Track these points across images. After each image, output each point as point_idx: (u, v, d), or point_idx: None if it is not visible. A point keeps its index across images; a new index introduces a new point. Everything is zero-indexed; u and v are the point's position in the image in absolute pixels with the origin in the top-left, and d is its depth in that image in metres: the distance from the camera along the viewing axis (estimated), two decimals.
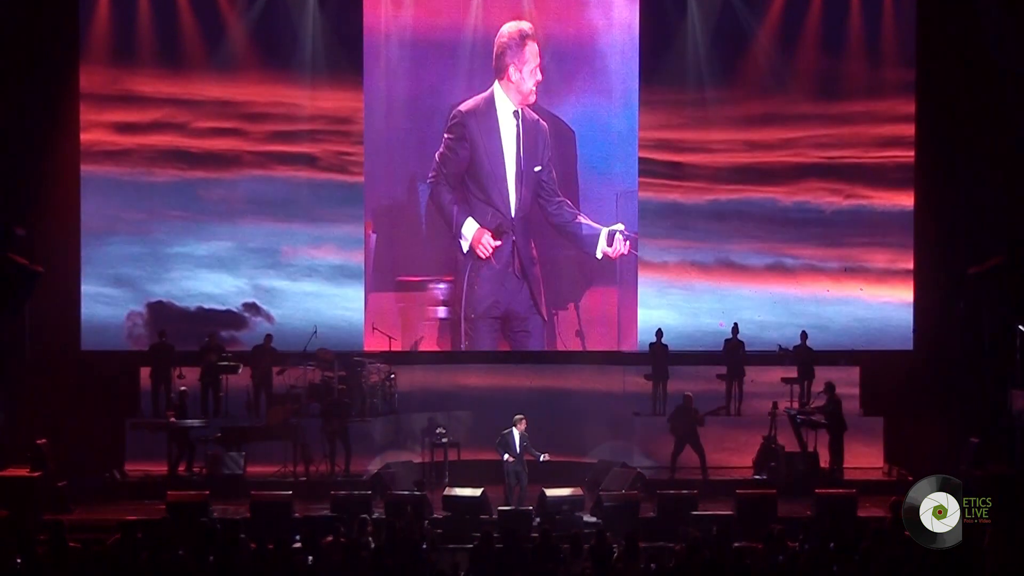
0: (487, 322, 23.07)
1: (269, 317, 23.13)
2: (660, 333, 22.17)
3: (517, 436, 18.65)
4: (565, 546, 14.47)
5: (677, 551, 14.19)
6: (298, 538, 15.18)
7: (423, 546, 14.84)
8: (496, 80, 22.98)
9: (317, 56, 23.16)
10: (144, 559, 13.69)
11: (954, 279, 22.37)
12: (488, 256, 22.86)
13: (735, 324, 22.17)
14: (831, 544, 14.29)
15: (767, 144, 23.32)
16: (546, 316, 23.10)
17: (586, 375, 22.67)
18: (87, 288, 22.89)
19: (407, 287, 23.29)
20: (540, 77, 22.90)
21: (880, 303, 23.20)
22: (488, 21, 23.19)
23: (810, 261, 23.38)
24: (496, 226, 22.59)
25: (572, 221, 23.11)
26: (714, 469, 20.30)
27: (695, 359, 22.45)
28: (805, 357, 21.81)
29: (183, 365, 21.57)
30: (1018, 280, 21.51)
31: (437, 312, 23.23)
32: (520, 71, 22.87)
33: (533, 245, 23.13)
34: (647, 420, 21.80)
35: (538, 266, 23.08)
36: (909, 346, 22.97)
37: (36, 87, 22.23)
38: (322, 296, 23.26)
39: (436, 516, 17.71)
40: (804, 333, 21.97)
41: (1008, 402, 20.70)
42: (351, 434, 20.39)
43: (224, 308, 23.16)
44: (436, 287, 23.26)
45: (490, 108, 23.03)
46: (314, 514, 17.30)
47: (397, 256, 23.36)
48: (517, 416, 18.77)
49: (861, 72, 23.21)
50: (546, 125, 23.03)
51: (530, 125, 22.99)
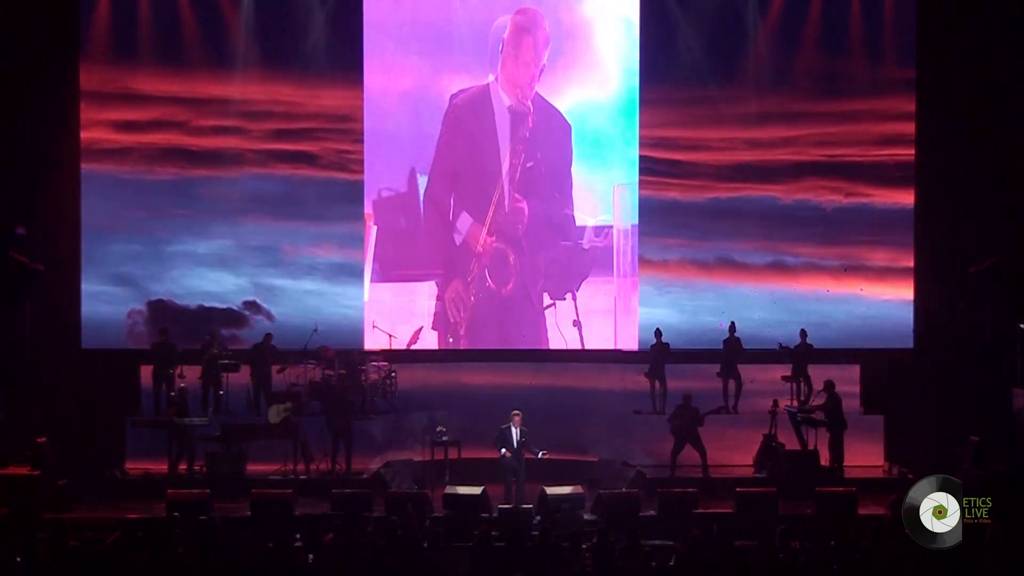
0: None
1: (269, 315, 23.15)
2: (659, 332, 22.16)
3: (515, 432, 18.66)
4: (565, 544, 14.47)
5: (677, 549, 14.21)
6: (299, 536, 15.22)
7: (423, 545, 14.85)
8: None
9: (317, 54, 23.17)
10: (144, 558, 13.70)
11: (954, 277, 22.38)
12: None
13: (732, 322, 22.18)
14: (831, 542, 14.31)
15: (768, 142, 23.31)
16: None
17: (586, 373, 22.66)
18: (87, 286, 22.91)
19: (407, 279, 23.32)
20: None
21: (880, 301, 23.19)
22: (488, 13, 23.20)
23: (810, 259, 23.37)
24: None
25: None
26: (714, 467, 20.24)
27: (695, 357, 22.44)
28: (804, 355, 21.81)
29: (184, 364, 21.57)
30: (1018, 279, 21.52)
31: (437, 305, 23.25)
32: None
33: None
34: (647, 418, 21.79)
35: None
36: (909, 344, 22.97)
37: (36, 85, 22.25)
38: (322, 294, 23.28)
39: (436, 514, 17.71)
40: (804, 331, 21.97)
41: (1008, 401, 20.70)
42: (352, 432, 20.39)
43: (224, 306, 23.17)
44: (436, 280, 23.28)
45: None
46: (315, 512, 17.30)
47: (398, 248, 23.39)
48: (514, 412, 18.78)
49: (862, 70, 23.20)
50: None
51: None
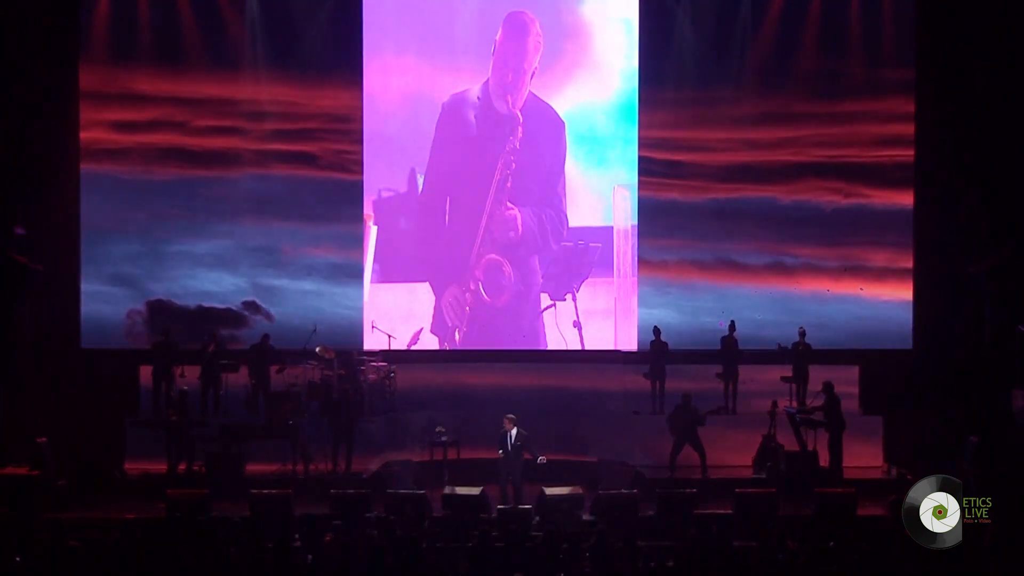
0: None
1: (269, 315, 23.15)
2: (658, 331, 22.15)
3: (513, 433, 18.65)
4: (564, 545, 14.47)
5: (676, 550, 14.20)
6: (298, 537, 15.21)
7: (422, 545, 14.84)
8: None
9: (317, 54, 23.19)
10: (144, 558, 13.70)
11: (954, 278, 22.38)
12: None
13: (731, 322, 22.19)
14: (830, 543, 14.30)
15: (767, 143, 23.32)
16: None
17: (585, 373, 22.66)
18: (87, 286, 22.91)
19: (407, 279, 23.32)
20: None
21: (879, 302, 23.20)
22: (488, 14, 23.22)
23: (810, 260, 23.38)
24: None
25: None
26: (713, 468, 20.25)
27: (694, 358, 22.44)
28: (802, 356, 21.81)
29: (185, 364, 21.56)
30: (1018, 279, 21.53)
31: (434, 310, 23.25)
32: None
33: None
34: (646, 419, 21.78)
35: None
36: (909, 345, 22.98)
37: (36, 85, 22.25)
38: (321, 294, 23.28)
39: (435, 515, 17.70)
40: (802, 331, 21.97)
41: (1008, 401, 20.71)
42: (353, 433, 20.37)
43: (224, 306, 23.17)
44: (432, 286, 23.28)
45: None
46: (314, 513, 17.29)
47: (397, 249, 23.40)
48: (506, 416, 18.75)
49: (861, 71, 23.21)
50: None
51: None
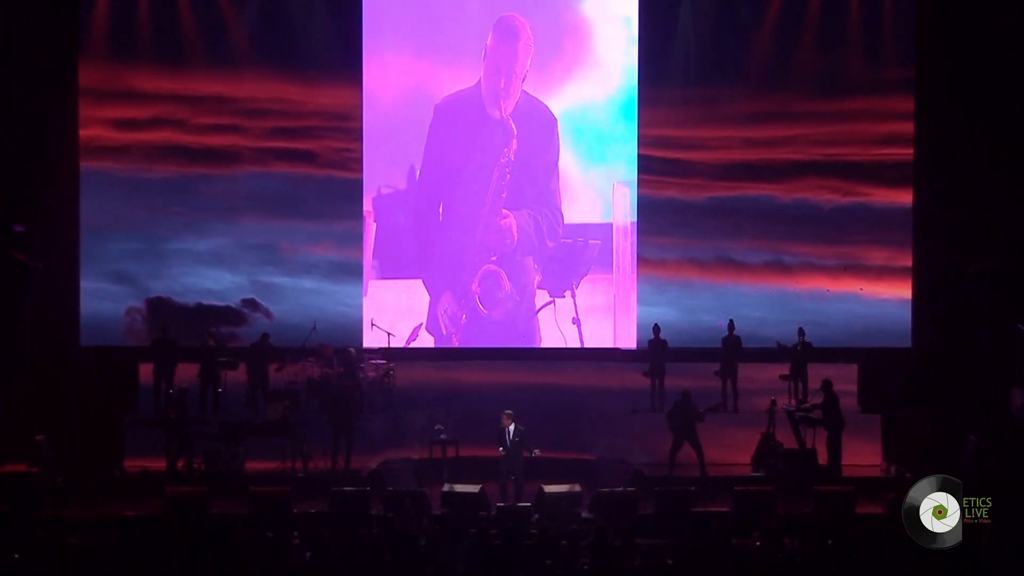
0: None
1: (268, 313, 23.15)
2: (657, 328, 22.15)
3: (511, 429, 18.66)
4: (563, 543, 14.47)
5: (675, 548, 14.20)
6: (297, 534, 15.19)
7: (421, 543, 14.84)
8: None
9: (316, 51, 23.18)
10: (143, 555, 13.69)
11: (953, 277, 22.37)
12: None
13: (731, 320, 22.19)
14: (829, 541, 14.30)
15: (766, 141, 23.31)
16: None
17: (584, 371, 22.67)
18: (86, 284, 22.91)
19: (406, 276, 23.33)
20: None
21: (879, 300, 23.20)
22: (487, 13, 23.20)
23: (809, 258, 23.38)
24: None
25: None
26: (712, 466, 20.26)
27: (694, 356, 22.45)
28: (801, 354, 21.81)
29: (185, 361, 21.55)
30: (1017, 279, 21.52)
31: (430, 303, 23.26)
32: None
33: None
34: (645, 417, 21.78)
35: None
36: (908, 343, 22.97)
37: (36, 83, 22.24)
38: (321, 292, 23.28)
39: (435, 512, 17.71)
40: (801, 330, 21.97)
41: (1008, 401, 20.71)
42: (353, 430, 20.37)
43: (223, 304, 23.18)
44: (429, 289, 23.28)
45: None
46: (313, 510, 17.30)
47: (397, 246, 23.40)
48: (504, 412, 18.76)
49: (860, 69, 23.20)
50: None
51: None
